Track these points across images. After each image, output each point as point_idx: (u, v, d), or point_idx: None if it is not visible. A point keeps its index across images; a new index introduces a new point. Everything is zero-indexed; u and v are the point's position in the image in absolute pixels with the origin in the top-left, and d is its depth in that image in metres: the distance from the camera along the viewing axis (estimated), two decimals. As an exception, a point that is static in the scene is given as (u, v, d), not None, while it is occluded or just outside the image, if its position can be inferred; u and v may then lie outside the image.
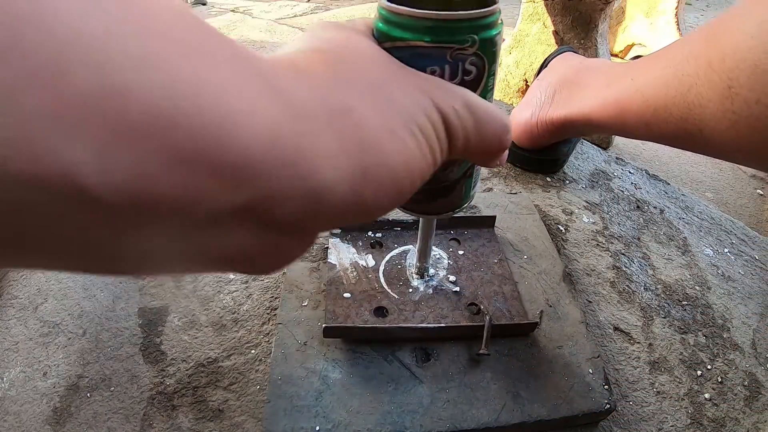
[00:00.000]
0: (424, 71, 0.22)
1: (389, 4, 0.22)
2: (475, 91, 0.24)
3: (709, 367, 0.45)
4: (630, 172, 0.70)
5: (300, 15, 1.91)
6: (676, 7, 1.49)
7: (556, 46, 0.89)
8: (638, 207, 0.62)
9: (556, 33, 0.89)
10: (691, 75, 0.35)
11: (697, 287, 0.53)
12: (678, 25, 1.50)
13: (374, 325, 0.38)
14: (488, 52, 0.23)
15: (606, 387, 0.38)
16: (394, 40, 0.22)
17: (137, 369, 0.41)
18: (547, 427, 0.36)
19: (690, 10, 2.18)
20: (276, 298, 0.46)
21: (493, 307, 0.41)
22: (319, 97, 0.16)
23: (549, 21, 0.89)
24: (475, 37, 0.22)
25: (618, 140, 1.04)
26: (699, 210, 0.66)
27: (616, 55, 1.67)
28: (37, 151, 0.09)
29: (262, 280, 0.47)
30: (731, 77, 0.31)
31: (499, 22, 0.24)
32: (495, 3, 0.23)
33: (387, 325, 0.38)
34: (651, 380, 0.43)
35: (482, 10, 0.22)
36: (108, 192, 0.10)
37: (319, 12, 1.92)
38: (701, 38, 0.35)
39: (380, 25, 0.22)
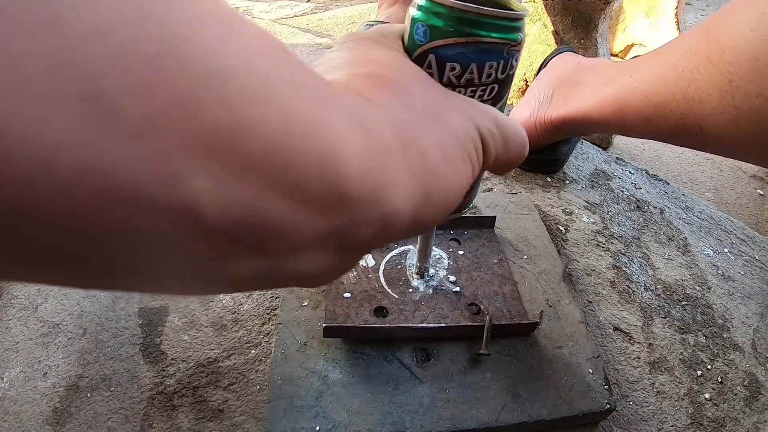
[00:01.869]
0: (484, 66, 0.24)
1: (462, 3, 0.23)
2: (510, 85, 0.26)
3: (709, 367, 0.45)
4: (630, 172, 0.70)
5: (300, 15, 1.91)
6: (676, 7, 1.49)
7: (556, 46, 0.89)
8: (638, 207, 0.62)
9: (556, 33, 0.89)
10: (690, 70, 0.35)
11: (697, 287, 0.53)
12: (678, 25, 1.50)
13: (374, 325, 0.38)
14: (522, 48, 0.25)
15: (606, 387, 0.38)
16: (458, 36, 0.23)
17: (137, 369, 0.41)
18: (547, 427, 0.36)
19: (690, 10, 2.18)
20: (276, 298, 0.46)
21: (493, 307, 0.41)
22: (392, 128, 0.17)
23: (549, 21, 0.89)
24: (523, 35, 0.24)
25: (618, 140, 1.04)
26: (699, 210, 0.66)
27: (616, 55, 1.67)
28: (165, 180, 0.10)
29: (262, 280, 0.47)
30: (731, 71, 0.31)
31: None
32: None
33: (387, 325, 0.38)
34: (651, 380, 0.43)
35: (524, 11, 0.24)
36: (221, 222, 0.11)
37: (319, 12, 1.91)
38: (700, 33, 0.35)
39: (442, 23, 0.23)
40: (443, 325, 0.39)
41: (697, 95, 0.35)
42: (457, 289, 0.42)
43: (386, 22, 0.86)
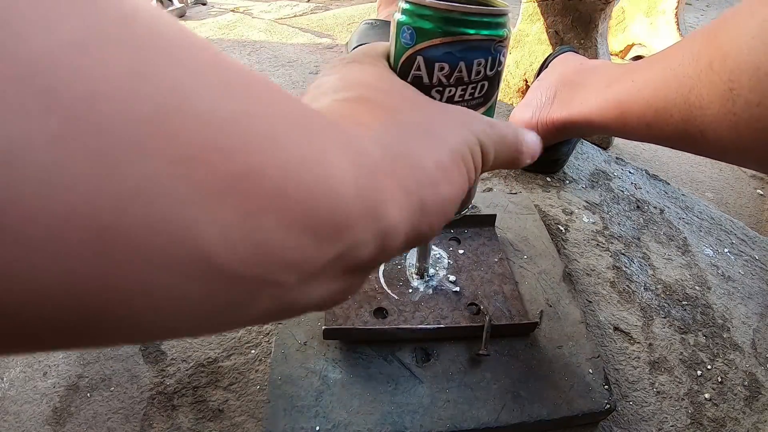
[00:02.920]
0: (472, 63, 0.24)
1: (447, 3, 0.23)
2: (499, 82, 0.27)
3: (709, 367, 0.45)
4: (630, 172, 0.70)
5: (300, 15, 1.91)
6: (676, 7, 1.48)
7: (556, 46, 0.89)
8: (638, 207, 0.62)
9: (556, 33, 0.89)
10: (691, 76, 0.35)
11: (697, 287, 0.53)
12: (678, 25, 1.49)
13: (374, 327, 0.38)
14: (508, 44, 0.26)
15: (606, 387, 0.38)
16: (445, 36, 0.23)
17: (137, 369, 0.41)
18: (547, 427, 0.36)
19: (690, 10, 2.18)
20: (276, 298, 0.45)
21: (493, 306, 0.41)
22: (382, 147, 0.18)
23: (549, 21, 0.89)
24: (508, 30, 0.25)
25: (618, 140, 1.04)
26: (699, 210, 0.66)
27: (616, 55, 1.67)
28: (175, 230, 0.10)
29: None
30: (732, 78, 0.31)
31: None
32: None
33: (386, 327, 0.38)
34: (651, 380, 0.43)
35: (506, 8, 0.25)
36: (232, 262, 0.11)
37: (319, 12, 1.91)
38: (702, 39, 0.35)
39: (429, 24, 0.24)
40: (442, 326, 0.39)
41: (697, 102, 0.34)
42: (457, 288, 0.42)
43: (387, 21, 0.86)
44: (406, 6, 0.24)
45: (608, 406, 0.37)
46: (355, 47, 0.82)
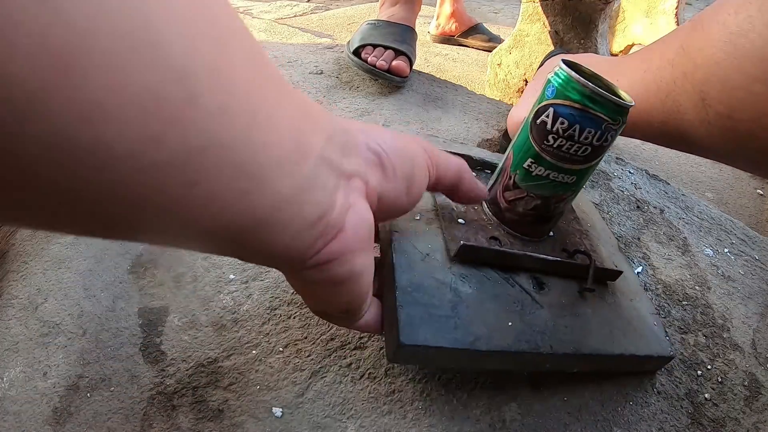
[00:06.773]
0: (585, 129, 0.33)
1: (586, 82, 0.33)
2: (601, 155, 0.36)
3: (709, 367, 0.45)
4: (630, 172, 0.70)
5: (300, 15, 1.91)
6: (677, 7, 1.48)
7: (555, 47, 0.89)
8: (638, 207, 0.62)
9: (556, 33, 0.89)
10: (668, 82, 0.35)
11: (697, 287, 0.53)
12: (678, 25, 1.49)
13: (510, 250, 0.38)
14: (621, 132, 0.35)
15: (666, 338, 0.41)
16: (575, 102, 0.33)
17: (137, 369, 0.41)
18: (632, 362, 0.40)
19: (690, 10, 2.18)
20: (276, 298, 0.46)
21: (581, 254, 0.43)
22: (398, 159, 0.28)
23: (549, 21, 0.89)
24: (622, 119, 0.34)
25: (618, 140, 1.04)
26: (699, 210, 0.66)
27: (615, 55, 1.67)
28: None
29: (262, 280, 0.47)
30: (703, 89, 0.30)
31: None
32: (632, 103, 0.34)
33: (516, 251, 0.39)
34: (651, 380, 0.43)
35: (630, 104, 0.33)
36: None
37: (319, 12, 1.91)
38: (676, 45, 0.34)
39: (568, 90, 0.33)
40: (559, 259, 0.40)
41: (674, 107, 0.34)
42: (552, 233, 0.44)
43: (389, 21, 0.86)
44: (560, 71, 0.34)
45: (672, 353, 0.40)
46: (357, 46, 0.82)
